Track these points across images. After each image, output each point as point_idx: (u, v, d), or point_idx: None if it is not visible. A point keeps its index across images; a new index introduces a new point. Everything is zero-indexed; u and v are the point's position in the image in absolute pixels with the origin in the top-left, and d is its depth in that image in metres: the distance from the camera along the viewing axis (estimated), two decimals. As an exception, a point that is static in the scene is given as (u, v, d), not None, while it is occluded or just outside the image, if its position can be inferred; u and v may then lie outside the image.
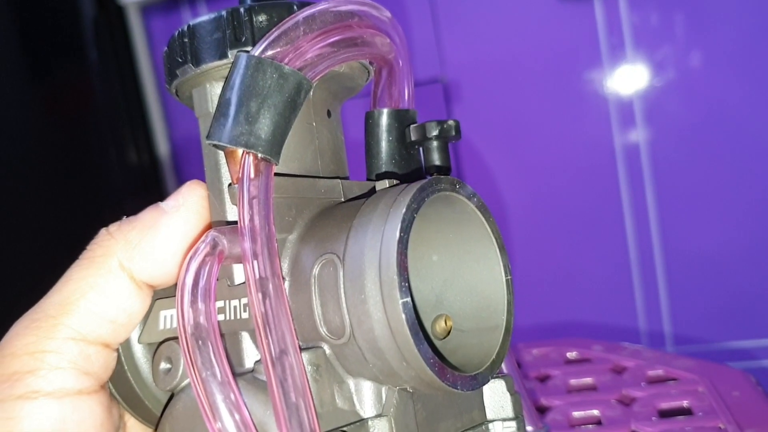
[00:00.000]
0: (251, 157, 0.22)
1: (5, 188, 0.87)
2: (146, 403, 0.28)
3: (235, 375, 0.21)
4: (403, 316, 0.20)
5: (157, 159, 1.00)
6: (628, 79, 0.80)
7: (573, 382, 0.58)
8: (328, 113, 0.27)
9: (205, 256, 0.21)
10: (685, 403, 0.51)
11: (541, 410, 0.54)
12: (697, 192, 0.80)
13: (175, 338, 0.26)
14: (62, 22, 0.94)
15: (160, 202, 0.25)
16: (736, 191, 0.78)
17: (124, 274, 0.24)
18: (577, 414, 0.52)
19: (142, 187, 0.99)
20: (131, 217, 0.25)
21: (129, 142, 0.98)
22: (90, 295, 0.24)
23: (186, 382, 0.24)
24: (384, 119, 0.28)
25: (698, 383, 0.53)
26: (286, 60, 0.22)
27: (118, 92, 0.97)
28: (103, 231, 0.25)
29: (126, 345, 0.27)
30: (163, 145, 1.00)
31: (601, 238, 0.85)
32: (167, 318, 0.26)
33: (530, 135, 0.85)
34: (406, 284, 0.20)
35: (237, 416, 0.20)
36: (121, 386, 0.28)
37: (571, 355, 0.63)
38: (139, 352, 0.28)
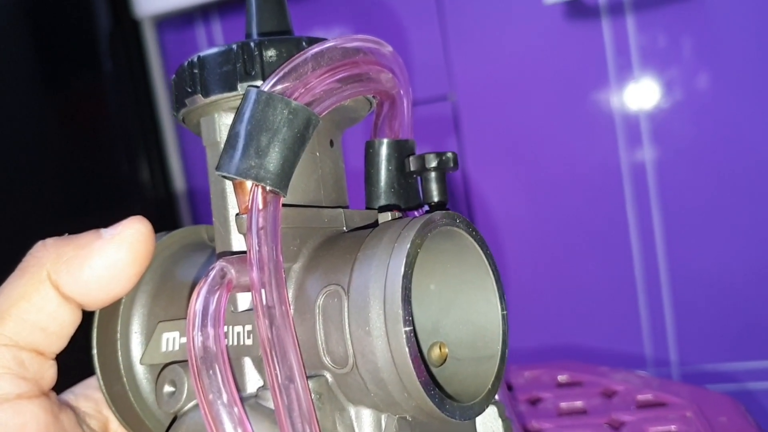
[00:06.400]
0: (260, 190, 0.22)
1: (17, 195, 0.87)
2: (147, 423, 0.28)
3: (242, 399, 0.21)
4: (407, 348, 0.20)
5: (168, 172, 1.02)
6: (636, 98, 0.81)
7: (563, 405, 0.58)
8: (331, 143, 0.28)
9: (215, 284, 0.21)
10: (673, 428, 0.52)
11: (532, 433, 0.54)
12: (704, 212, 0.80)
13: (178, 362, 0.26)
14: (78, 35, 0.96)
15: (101, 228, 0.26)
16: (744, 212, 0.78)
17: (52, 284, 0.25)
18: (566, 437, 0.53)
19: (153, 200, 0.99)
20: (70, 235, 0.26)
21: (141, 154, 0.99)
22: (21, 304, 0.24)
23: (189, 405, 0.25)
24: (384, 149, 0.29)
25: (686, 408, 0.54)
26: (295, 95, 0.23)
27: (132, 104, 0.99)
28: (39, 243, 0.26)
29: (128, 365, 0.28)
30: (174, 158, 1.02)
31: (605, 257, 0.85)
32: (170, 340, 0.27)
33: (537, 153, 0.85)
34: (410, 318, 0.20)
35: None
36: (122, 406, 0.28)
37: (562, 378, 0.63)
38: (141, 373, 0.28)
